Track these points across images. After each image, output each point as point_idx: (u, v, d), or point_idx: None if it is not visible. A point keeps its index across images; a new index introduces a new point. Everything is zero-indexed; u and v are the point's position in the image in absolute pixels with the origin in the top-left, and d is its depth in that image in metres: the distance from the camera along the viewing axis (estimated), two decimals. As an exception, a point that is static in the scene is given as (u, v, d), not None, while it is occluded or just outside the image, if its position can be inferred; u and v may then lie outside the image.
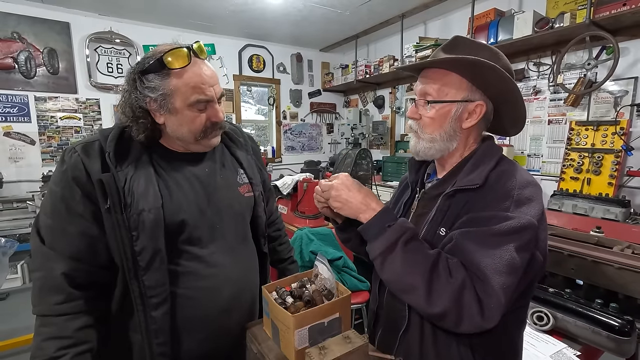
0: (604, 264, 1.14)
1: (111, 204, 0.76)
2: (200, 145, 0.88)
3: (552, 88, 2.71)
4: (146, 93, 0.78)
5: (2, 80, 3.19)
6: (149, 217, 0.77)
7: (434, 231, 0.73)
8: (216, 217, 0.89)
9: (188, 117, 0.82)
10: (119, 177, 0.77)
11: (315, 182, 2.20)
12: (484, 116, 0.75)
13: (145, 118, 0.81)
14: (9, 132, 3.26)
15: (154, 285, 0.78)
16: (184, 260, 0.84)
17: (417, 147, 0.79)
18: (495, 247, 0.62)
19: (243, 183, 0.98)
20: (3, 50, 3.17)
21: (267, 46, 4.56)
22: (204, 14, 3.51)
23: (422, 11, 3.41)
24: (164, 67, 0.77)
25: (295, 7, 3.32)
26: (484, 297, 0.60)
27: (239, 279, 0.92)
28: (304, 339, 0.76)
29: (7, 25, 3.16)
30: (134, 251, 0.77)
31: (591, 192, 2.32)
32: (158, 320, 0.79)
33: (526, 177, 0.69)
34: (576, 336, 1.10)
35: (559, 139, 2.69)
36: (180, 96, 0.79)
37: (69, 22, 3.41)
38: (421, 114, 0.76)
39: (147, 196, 0.78)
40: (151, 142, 0.85)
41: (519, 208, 0.64)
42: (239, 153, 1.02)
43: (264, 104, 4.94)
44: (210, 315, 0.86)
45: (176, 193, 0.85)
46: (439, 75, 0.74)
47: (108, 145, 0.79)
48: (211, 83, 0.83)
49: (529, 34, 2.47)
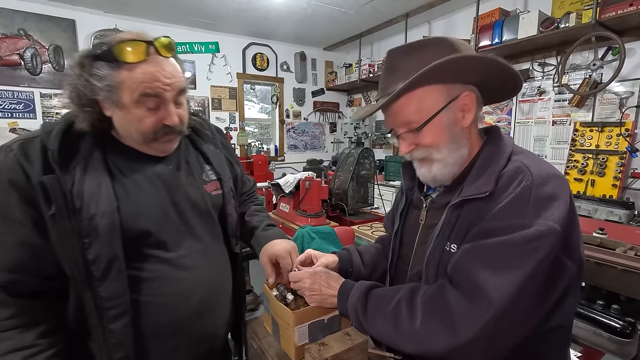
0: (606, 265, 1.14)
1: (56, 209, 0.66)
2: (151, 149, 0.80)
3: (556, 89, 2.69)
4: (92, 81, 0.69)
5: (8, 76, 3.22)
6: (103, 223, 0.68)
7: (442, 248, 0.66)
8: (181, 218, 0.82)
9: (136, 115, 0.72)
10: (65, 179, 0.67)
11: (318, 181, 2.21)
12: (477, 101, 0.67)
13: (92, 107, 0.71)
14: (14, 128, 3.29)
15: (111, 296, 0.69)
16: (149, 265, 0.76)
17: (433, 173, 0.69)
18: (504, 265, 0.54)
19: (210, 180, 0.91)
20: (9, 47, 3.19)
21: (271, 45, 4.56)
22: (209, 12, 3.52)
23: (426, 10, 3.39)
24: (113, 58, 0.68)
25: (300, 5, 3.32)
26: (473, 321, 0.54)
27: (211, 281, 0.85)
28: (304, 335, 0.76)
29: (13, 22, 3.19)
30: (87, 260, 0.67)
31: (595, 194, 2.31)
32: (117, 333, 0.70)
33: (545, 170, 0.59)
34: (577, 337, 1.10)
35: (563, 140, 2.67)
36: (127, 90, 0.69)
37: (75, 19, 3.43)
38: (416, 142, 0.68)
39: (100, 199, 0.69)
40: (99, 134, 0.75)
41: (540, 212, 0.55)
42: (205, 147, 0.93)
43: (267, 103, 4.94)
44: (180, 321, 0.79)
45: (135, 194, 0.76)
46: (407, 99, 0.65)
47: (51, 141, 0.68)
48: (167, 82, 0.72)
49: (534, 34, 2.46)
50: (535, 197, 0.56)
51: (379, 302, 0.67)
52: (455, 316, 0.55)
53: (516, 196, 0.57)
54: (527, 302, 0.55)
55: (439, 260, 0.66)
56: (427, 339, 0.58)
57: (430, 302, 0.60)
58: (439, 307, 0.58)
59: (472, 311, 0.54)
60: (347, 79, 4.60)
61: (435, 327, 0.57)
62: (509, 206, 0.57)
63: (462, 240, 0.63)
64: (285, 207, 2.34)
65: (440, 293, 0.60)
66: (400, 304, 0.62)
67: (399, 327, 0.61)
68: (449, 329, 0.56)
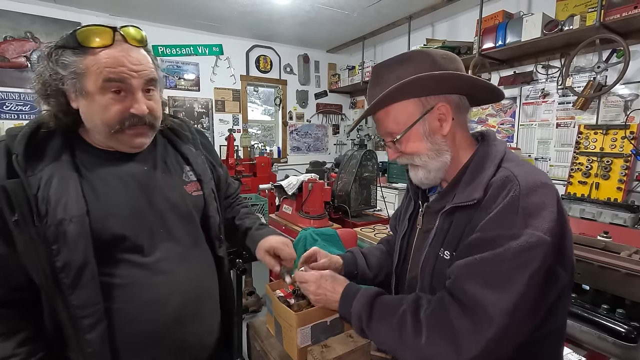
0: (610, 269, 1.13)
1: (19, 215, 0.63)
2: (119, 143, 0.75)
3: (560, 91, 2.68)
4: (57, 69, 0.67)
5: (15, 78, 3.26)
6: (71, 228, 0.65)
7: (435, 254, 0.69)
8: (159, 220, 0.78)
9: (100, 103, 0.68)
10: (30, 183, 0.65)
11: (321, 183, 2.21)
12: (457, 109, 0.71)
13: (56, 98, 0.70)
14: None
15: (83, 304, 0.66)
16: (123, 271, 0.73)
17: (418, 177, 0.75)
18: (500, 281, 0.56)
19: (190, 181, 0.87)
20: (17, 49, 3.23)
21: (275, 47, 4.58)
22: (213, 14, 3.54)
23: (429, 13, 3.40)
24: (77, 44, 0.67)
25: (303, 8, 3.33)
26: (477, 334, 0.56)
27: (192, 287, 0.81)
28: (307, 337, 0.76)
29: (21, 25, 3.23)
30: (55, 267, 0.65)
31: (599, 197, 2.29)
32: (93, 342, 0.67)
33: (533, 179, 0.60)
34: (581, 341, 1.09)
35: (567, 143, 2.66)
36: (92, 76, 0.67)
37: (80, 22, 3.45)
38: (400, 150, 0.74)
39: (68, 203, 0.66)
40: (67, 134, 0.73)
41: (528, 222, 0.57)
42: (184, 148, 0.90)
43: (270, 105, 4.96)
44: (161, 330, 0.75)
45: (106, 197, 0.72)
46: (384, 113, 0.72)
47: (16, 145, 0.66)
48: (133, 67, 0.69)
49: (537, 36, 2.45)
50: (523, 207, 0.57)
51: (384, 311, 0.67)
52: (459, 334, 0.57)
53: (504, 206, 0.59)
54: (524, 314, 0.56)
55: (433, 266, 0.69)
56: (432, 354, 0.59)
57: (435, 319, 0.61)
58: (443, 325, 0.59)
59: (474, 329, 0.56)
60: (350, 81, 4.61)
61: (440, 344, 0.58)
62: (498, 216, 0.59)
63: (456, 247, 0.65)
64: (288, 209, 2.34)
65: (442, 309, 0.61)
66: (405, 317, 0.63)
67: (403, 340, 0.62)
68: (452, 346, 0.57)
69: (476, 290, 0.57)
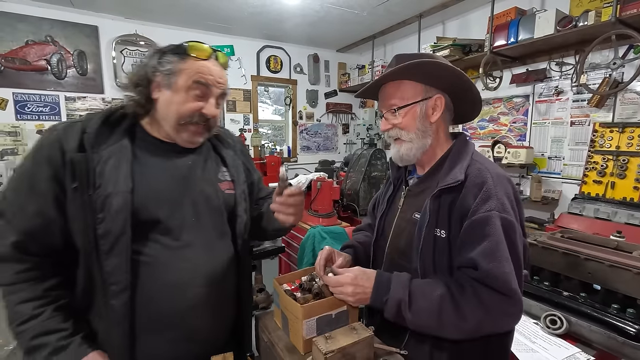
0: (622, 268, 1.11)
1: (78, 183, 0.75)
2: (179, 137, 0.87)
3: (575, 88, 2.62)
4: (157, 66, 0.83)
5: (36, 81, 3.39)
6: (116, 201, 0.75)
7: (432, 235, 0.81)
8: (192, 210, 0.87)
9: (182, 98, 0.83)
10: (93, 158, 0.77)
11: (330, 182, 2.23)
12: (446, 107, 0.87)
13: (144, 87, 0.84)
14: (41, 129, 3.45)
15: (114, 271, 0.75)
16: (151, 250, 0.80)
17: (400, 152, 0.88)
18: (504, 255, 0.71)
19: (224, 180, 0.96)
20: (38, 53, 3.36)
21: (285, 47, 4.62)
22: (224, 16, 3.60)
23: (440, 11, 3.37)
24: (184, 51, 0.84)
25: (313, 8, 3.35)
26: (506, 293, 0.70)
27: (212, 277, 0.87)
28: (312, 329, 0.78)
29: (41, 29, 3.35)
30: (97, 234, 0.75)
31: (615, 197, 2.24)
32: (117, 308, 0.76)
33: (497, 171, 0.80)
34: (590, 341, 1.08)
35: (581, 141, 2.60)
36: (185, 76, 0.82)
37: (97, 25, 3.57)
38: (393, 123, 0.87)
39: (118, 180, 0.77)
40: (132, 125, 0.86)
41: (504, 203, 0.75)
42: (224, 152, 1.01)
43: (280, 104, 5.00)
44: (177, 313, 0.82)
45: (151, 180, 0.83)
46: (395, 87, 0.86)
47: (90, 126, 0.79)
48: (217, 80, 0.86)
49: (550, 32, 2.41)
50: (496, 193, 0.75)
51: (422, 296, 0.75)
52: (493, 311, 0.71)
53: (485, 191, 0.75)
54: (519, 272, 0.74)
55: (433, 245, 0.80)
56: (476, 333, 0.74)
57: (475, 298, 0.72)
58: (481, 305, 0.71)
59: (505, 302, 0.71)
60: (360, 80, 4.60)
61: (485, 325, 0.73)
62: (481, 200, 0.75)
63: (448, 226, 0.79)
64: (297, 207, 2.37)
65: (475, 292, 0.72)
66: (444, 303, 0.73)
67: (443, 321, 0.73)
68: (491, 324, 0.73)
69: (502, 269, 0.71)
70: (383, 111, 0.90)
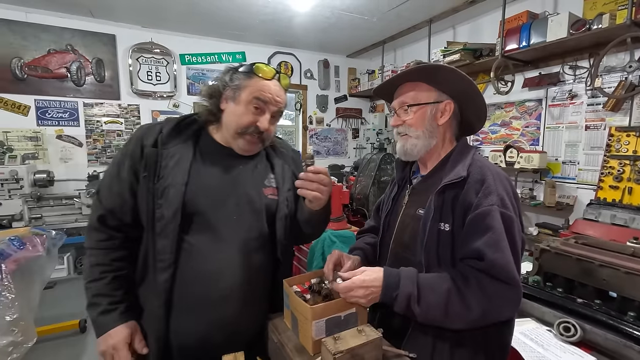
0: (638, 275, 1.09)
1: (147, 173, 0.90)
2: (235, 144, 0.98)
3: (589, 92, 2.58)
4: (227, 82, 0.97)
5: (57, 88, 3.52)
6: (172, 191, 0.89)
7: (436, 228, 0.84)
8: (235, 209, 0.95)
9: (241, 110, 0.95)
10: (162, 154, 0.92)
11: (339, 186, 2.24)
12: (454, 113, 0.92)
13: (215, 98, 0.98)
14: (60, 135, 3.59)
15: (162, 250, 0.88)
16: (193, 239, 0.91)
17: (406, 147, 0.94)
18: (507, 246, 0.76)
19: (269, 186, 1.03)
20: (58, 61, 3.50)
21: (295, 53, 4.68)
22: (236, 24, 3.68)
23: (450, 15, 3.37)
24: (251, 71, 0.96)
25: (323, 14, 3.40)
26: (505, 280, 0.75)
27: (245, 273, 0.94)
28: (321, 330, 0.79)
29: (62, 39, 3.49)
30: (155, 216, 0.89)
31: (632, 202, 2.18)
32: (162, 283, 0.88)
33: (496, 170, 0.85)
34: (606, 349, 1.05)
35: (596, 146, 2.55)
36: (247, 91, 0.95)
37: (115, 34, 3.70)
38: (404, 119, 0.93)
39: (177, 174, 0.90)
40: (200, 130, 1.01)
41: (503, 199, 0.80)
42: (275, 160, 1.08)
43: (291, 109, 5.05)
44: (211, 301, 0.91)
45: (204, 178, 0.94)
46: (411, 87, 0.93)
47: (165, 127, 0.96)
48: (275, 98, 0.97)
49: (563, 36, 2.38)
50: (498, 188, 0.80)
51: (430, 289, 0.78)
52: (495, 299, 0.76)
53: (487, 187, 0.80)
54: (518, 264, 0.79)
55: (437, 238, 0.84)
56: (481, 321, 0.77)
57: (479, 289, 0.76)
58: (485, 295, 0.76)
59: (508, 290, 0.76)
60: (370, 85, 4.62)
61: (490, 313, 0.77)
62: (483, 195, 0.79)
63: (452, 220, 0.82)
64: (306, 211, 2.38)
65: (479, 283, 0.76)
66: (451, 296, 0.76)
67: (450, 313, 0.77)
68: (495, 312, 0.77)
69: (504, 260, 0.75)
70: (396, 108, 0.96)
